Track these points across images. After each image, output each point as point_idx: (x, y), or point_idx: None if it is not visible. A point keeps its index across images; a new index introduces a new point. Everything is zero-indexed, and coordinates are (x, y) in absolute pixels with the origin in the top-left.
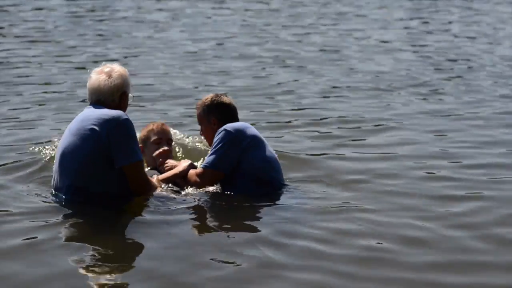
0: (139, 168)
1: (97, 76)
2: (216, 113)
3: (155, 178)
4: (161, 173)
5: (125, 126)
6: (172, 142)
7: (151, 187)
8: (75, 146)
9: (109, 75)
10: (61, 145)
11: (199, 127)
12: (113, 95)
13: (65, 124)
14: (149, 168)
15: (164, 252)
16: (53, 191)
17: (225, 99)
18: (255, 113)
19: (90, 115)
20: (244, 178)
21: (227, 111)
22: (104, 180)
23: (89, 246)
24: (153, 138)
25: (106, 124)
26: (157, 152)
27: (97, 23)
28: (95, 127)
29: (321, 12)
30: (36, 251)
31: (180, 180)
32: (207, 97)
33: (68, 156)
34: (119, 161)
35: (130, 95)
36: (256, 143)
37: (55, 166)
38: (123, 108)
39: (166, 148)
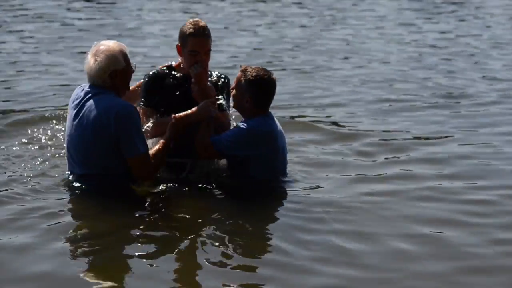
0: (139, 162)
1: (89, 58)
2: (255, 93)
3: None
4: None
5: (128, 120)
6: (210, 51)
7: (152, 177)
8: (81, 137)
9: (96, 56)
10: (67, 133)
11: None
12: (101, 77)
13: None
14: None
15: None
16: (68, 174)
17: (271, 81)
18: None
19: (95, 105)
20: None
21: (265, 96)
22: (112, 166)
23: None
24: (189, 48)
25: (112, 116)
26: (191, 68)
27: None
28: (101, 120)
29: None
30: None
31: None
32: (255, 69)
33: (75, 147)
34: (123, 153)
35: (133, 63)
36: (270, 154)
37: (66, 152)
38: (122, 85)
39: (199, 73)
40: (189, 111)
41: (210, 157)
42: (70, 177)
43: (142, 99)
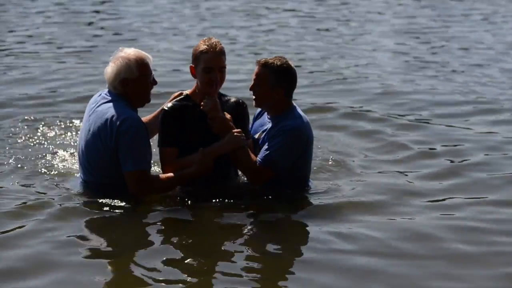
0: (131, 177)
1: (110, 63)
2: (286, 83)
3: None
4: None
5: (127, 133)
6: (225, 69)
7: (144, 195)
8: (90, 144)
9: (114, 62)
10: (79, 137)
11: None
12: (112, 84)
13: None
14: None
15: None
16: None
17: (293, 68)
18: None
19: (103, 113)
20: (292, 182)
21: (295, 83)
22: (115, 176)
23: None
24: (202, 65)
25: (115, 127)
26: (202, 103)
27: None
28: (104, 128)
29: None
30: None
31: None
32: (276, 59)
33: (82, 153)
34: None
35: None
36: (311, 146)
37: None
38: (134, 96)
39: (211, 103)
40: (216, 145)
41: (265, 180)
42: (79, 181)
43: (160, 138)
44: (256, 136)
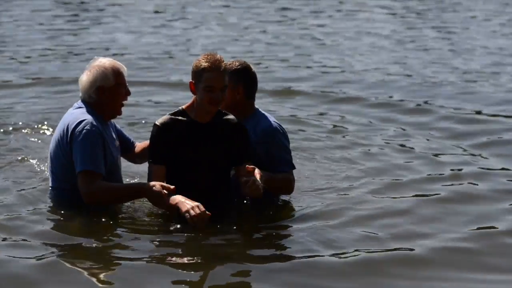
0: (79, 178)
1: (85, 71)
2: (246, 81)
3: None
4: None
5: (78, 135)
6: (226, 88)
7: (89, 200)
8: (52, 151)
9: (89, 70)
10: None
11: None
12: (88, 92)
13: None
14: None
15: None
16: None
17: (253, 70)
18: None
19: (65, 120)
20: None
21: (255, 83)
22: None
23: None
24: (204, 84)
25: (69, 132)
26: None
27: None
28: (63, 133)
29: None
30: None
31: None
32: (235, 61)
33: (49, 160)
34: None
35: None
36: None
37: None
38: (108, 104)
39: None
40: (182, 201)
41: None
42: (49, 189)
43: (149, 153)
44: None
